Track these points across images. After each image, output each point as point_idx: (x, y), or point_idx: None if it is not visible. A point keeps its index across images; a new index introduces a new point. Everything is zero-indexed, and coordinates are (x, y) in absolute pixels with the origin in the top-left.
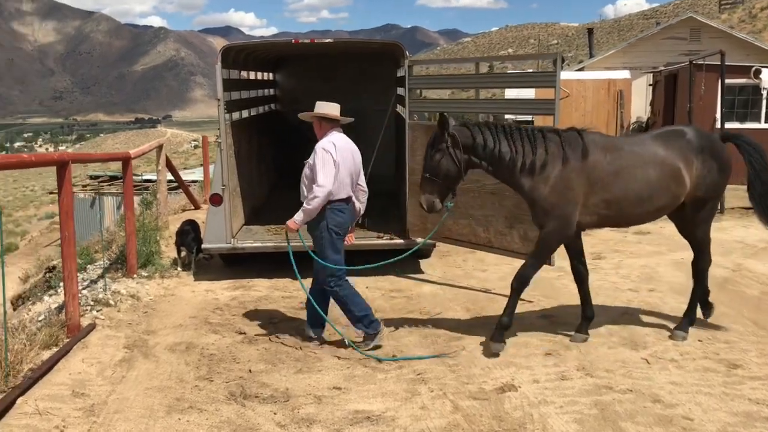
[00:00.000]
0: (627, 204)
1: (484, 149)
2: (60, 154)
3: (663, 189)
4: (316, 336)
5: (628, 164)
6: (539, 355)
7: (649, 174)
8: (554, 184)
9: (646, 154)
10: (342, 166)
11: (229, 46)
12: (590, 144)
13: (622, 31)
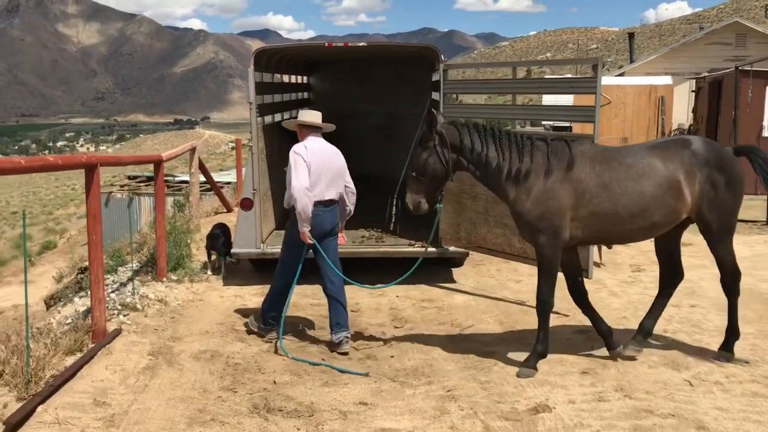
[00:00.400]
0: (617, 219)
1: (471, 151)
2: (88, 157)
3: (658, 204)
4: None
5: (619, 177)
6: (575, 374)
7: (643, 187)
8: (536, 197)
9: (641, 166)
10: (315, 168)
11: (262, 49)
12: (578, 155)
13: (663, 36)
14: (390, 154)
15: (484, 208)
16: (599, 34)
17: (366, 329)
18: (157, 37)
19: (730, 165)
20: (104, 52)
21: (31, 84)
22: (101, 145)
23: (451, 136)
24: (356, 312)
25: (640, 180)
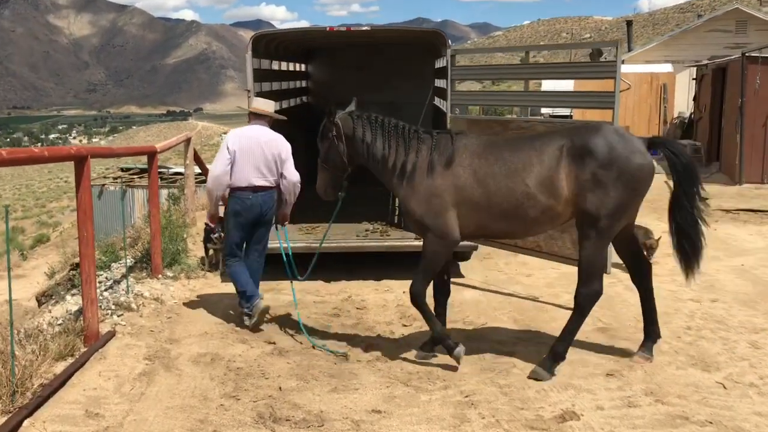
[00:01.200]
0: (492, 216)
1: (362, 143)
2: (78, 149)
3: (530, 202)
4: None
5: (494, 172)
6: (600, 376)
7: (514, 184)
8: (420, 195)
9: (515, 161)
10: (240, 154)
11: (260, 34)
12: (459, 149)
13: (657, 25)
14: None
15: None
16: (593, 23)
17: (373, 327)
18: (150, 28)
19: (625, 158)
20: (96, 43)
21: (22, 76)
22: (94, 137)
23: (345, 127)
24: (362, 309)
25: (512, 176)
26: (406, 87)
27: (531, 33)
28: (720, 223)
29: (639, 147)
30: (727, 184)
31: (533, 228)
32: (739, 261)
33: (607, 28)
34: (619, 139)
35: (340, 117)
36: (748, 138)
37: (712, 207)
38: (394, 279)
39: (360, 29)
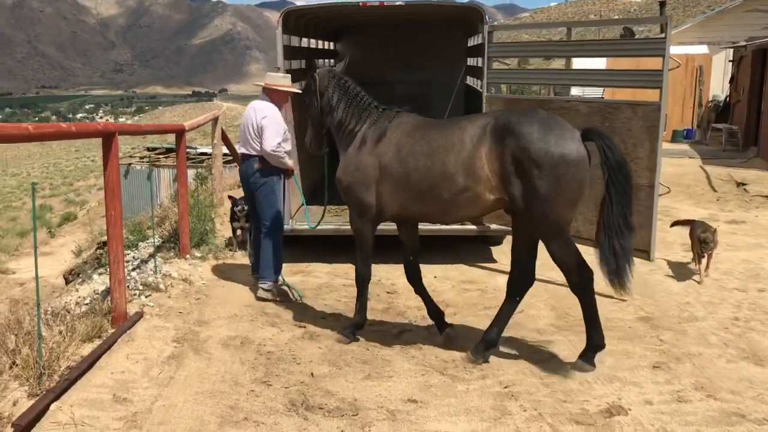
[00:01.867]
0: (411, 196)
1: (328, 103)
2: (105, 125)
3: (447, 182)
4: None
5: (416, 151)
6: (646, 368)
7: (432, 163)
8: (346, 166)
9: (439, 141)
10: (241, 126)
11: (290, 9)
12: (393, 126)
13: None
14: None
15: None
16: (621, 5)
17: (404, 312)
18: (176, 9)
19: (553, 146)
20: (123, 23)
21: (50, 56)
22: (120, 117)
23: (321, 83)
24: (393, 294)
25: (431, 156)
26: (438, 66)
27: (558, 15)
28: (761, 209)
29: (565, 134)
30: (766, 169)
31: (452, 211)
32: None
33: (636, 10)
34: (544, 124)
35: (319, 72)
36: None
37: (752, 193)
38: (426, 264)
39: (393, 4)
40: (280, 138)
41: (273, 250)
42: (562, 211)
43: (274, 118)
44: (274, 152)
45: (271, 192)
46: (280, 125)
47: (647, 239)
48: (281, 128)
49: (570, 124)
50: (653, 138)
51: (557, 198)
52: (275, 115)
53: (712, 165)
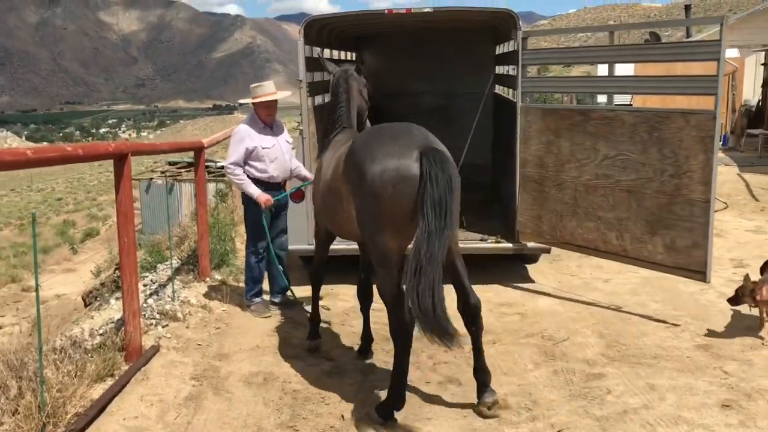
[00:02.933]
0: (326, 213)
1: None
2: (117, 145)
3: (328, 203)
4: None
5: (324, 168)
6: (714, 407)
7: (320, 183)
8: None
9: (338, 155)
10: None
11: (312, 19)
12: (332, 142)
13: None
14: (447, 137)
15: (573, 198)
16: (641, 11)
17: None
18: (196, 23)
19: (362, 163)
20: (144, 39)
21: (73, 72)
22: (142, 131)
23: (332, 83)
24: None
25: (326, 172)
26: (464, 76)
27: (577, 21)
28: None
29: (387, 151)
30: None
31: (352, 230)
32: None
33: (656, 15)
34: (378, 141)
35: (336, 71)
36: None
37: None
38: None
39: (421, 11)
40: (235, 157)
41: (250, 270)
42: (380, 235)
43: (237, 134)
44: (225, 171)
45: (247, 209)
46: (242, 144)
47: (703, 259)
48: (242, 147)
49: (411, 141)
50: (708, 149)
51: (376, 220)
52: (241, 132)
53: (750, 173)
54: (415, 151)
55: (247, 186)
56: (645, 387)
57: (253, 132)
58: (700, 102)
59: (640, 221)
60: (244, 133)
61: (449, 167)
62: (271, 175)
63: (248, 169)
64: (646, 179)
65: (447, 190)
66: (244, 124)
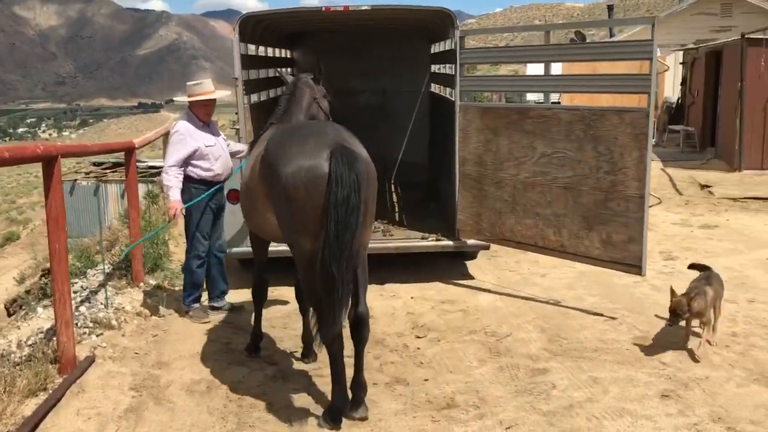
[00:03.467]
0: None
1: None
2: (46, 147)
3: (252, 204)
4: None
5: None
6: (655, 398)
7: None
8: None
9: (249, 160)
10: None
11: (248, 15)
12: (258, 140)
13: (628, 11)
14: (385, 134)
15: (511, 196)
16: (564, 10)
17: (383, 340)
18: (119, 19)
19: (275, 164)
20: (63, 34)
21: None
22: (64, 131)
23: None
24: (369, 318)
25: (243, 175)
26: (400, 73)
27: (504, 20)
28: (731, 212)
29: (298, 151)
30: (725, 170)
31: (273, 231)
32: (762, 254)
33: (579, 14)
34: (281, 140)
35: (300, 76)
36: (748, 123)
37: (718, 195)
38: (400, 283)
39: (359, 9)
40: (177, 157)
41: (189, 275)
42: (297, 236)
43: (177, 135)
44: (162, 174)
45: (188, 214)
46: (184, 144)
47: (638, 253)
48: (185, 148)
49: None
50: (642, 146)
51: (292, 221)
52: (182, 132)
53: (673, 167)
54: (326, 150)
55: (172, 190)
56: (588, 380)
57: (195, 131)
58: (624, 100)
59: (577, 217)
60: (185, 133)
61: (358, 165)
62: (217, 173)
63: (192, 170)
64: (582, 176)
65: (353, 189)
66: (184, 124)
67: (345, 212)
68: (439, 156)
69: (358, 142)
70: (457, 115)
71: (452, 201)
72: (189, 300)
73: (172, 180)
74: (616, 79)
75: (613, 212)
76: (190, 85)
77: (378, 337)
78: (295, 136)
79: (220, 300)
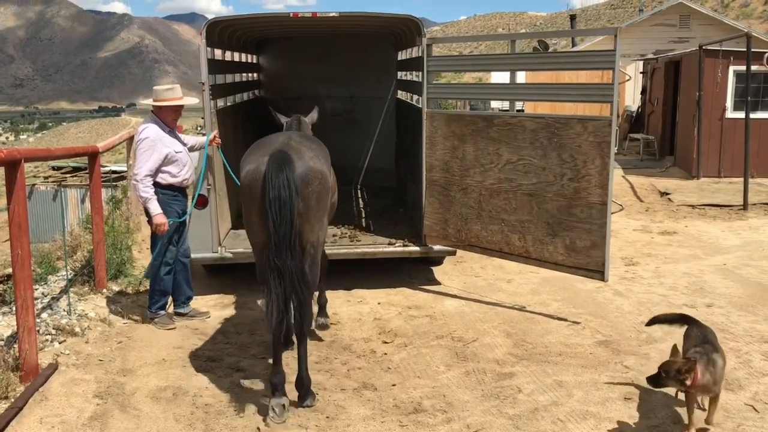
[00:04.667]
0: None
1: None
2: (9, 151)
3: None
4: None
5: None
6: (617, 401)
7: None
8: None
9: None
10: None
11: (215, 20)
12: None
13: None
14: (351, 141)
15: (477, 202)
16: (528, 19)
17: (351, 346)
18: (79, 21)
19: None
20: (22, 36)
21: None
22: (21, 134)
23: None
24: (336, 325)
25: None
26: (367, 80)
27: (468, 28)
28: (689, 219)
29: (252, 159)
30: (684, 178)
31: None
32: (719, 260)
33: (542, 23)
34: (249, 149)
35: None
36: (706, 132)
37: (677, 202)
38: (367, 288)
39: (327, 15)
40: (151, 165)
41: (155, 282)
42: (248, 229)
43: (148, 141)
44: (135, 183)
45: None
46: (154, 150)
47: (601, 259)
48: (157, 154)
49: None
50: (605, 154)
51: (245, 217)
52: (152, 138)
53: (634, 175)
54: (267, 155)
55: (152, 202)
56: (553, 384)
57: (164, 136)
58: (586, 108)
59: (542, 223)
60: (155, 139)
61: (288, 167)
62: (185, 179)
63: (161, 175)
64: (546, 183)
65: (283, 187)
66: (153, 128)
67: (278, 209)
68: (405, 162)
69: (310, 146)
70: (424, 122)
71: (419, 207)
72: (156, 307)
73: (148, 191)
74: (580, 88)
75: (576, 219)
76: (160, 90)
77: (345, 342)
78: (258, 145)
79: (185, 306)
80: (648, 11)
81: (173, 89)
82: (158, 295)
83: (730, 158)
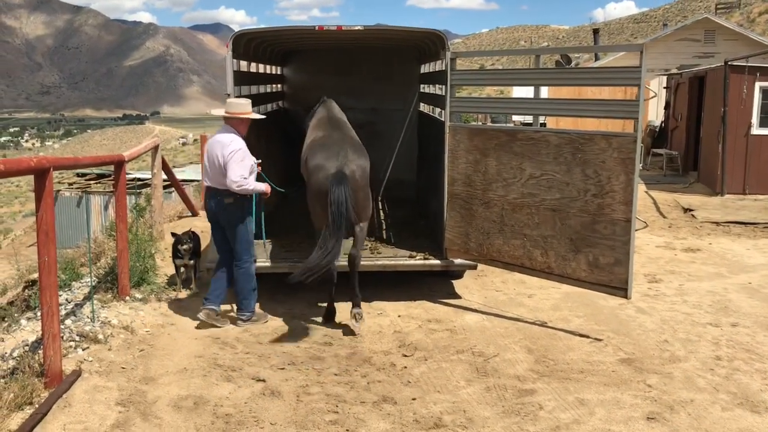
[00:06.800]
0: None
1: None
2: (39, 159)
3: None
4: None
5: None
6: (640, 420)
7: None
8: None
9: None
10: (205, 159)
11: (241, 32)
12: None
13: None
14: (373, 153)
15: (500, 216)
16: (550, 32)
17: (371, 358)
18: (106, 30)
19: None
20: (50, 44)
21: None
22: (47, 141)
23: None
24: (355, 336)
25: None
26: (390, 92)
27: (490, 41)
28: (713, 236)
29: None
30: (707, 194)
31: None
32: (744, 278)
33: (564, 36)
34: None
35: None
36: (731, 148)
37: (701, 219)
38: (387, 300)
39: (352, 29)
40: (246, 172)
41: (253, 281)
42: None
43: (241, 152)
44: (239, 188)
45: (244, 225)
46: (246, 159)
47: (624, 276)
48: (248, 162)
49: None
50: (629, 170)
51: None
52: (241, 148)
53: (657, 190)
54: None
55: (258, 185)
56: (575, 402)
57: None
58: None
59: (564, 239)
60: (246, 150)
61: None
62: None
63: None
64: (570, 198)
65: (342, 194)
66: (240, 139)
67: (337, 203)
68: (428, 175)
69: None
70: (446, 135)
71: (440, 220)
72: (252, 306)
73: (251, 183)
74: (604, 103)
75: (600, 235)
76: (241, 103)
77: (365, 355)
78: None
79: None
80: (672, 26)
81: (247, 103)
82: (251, 293)
83: (755, 175)
